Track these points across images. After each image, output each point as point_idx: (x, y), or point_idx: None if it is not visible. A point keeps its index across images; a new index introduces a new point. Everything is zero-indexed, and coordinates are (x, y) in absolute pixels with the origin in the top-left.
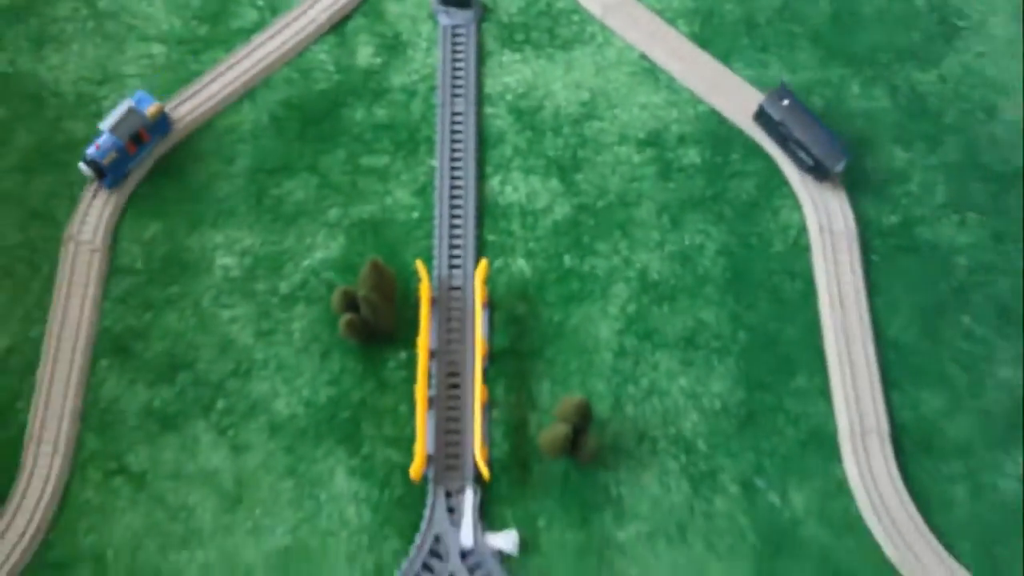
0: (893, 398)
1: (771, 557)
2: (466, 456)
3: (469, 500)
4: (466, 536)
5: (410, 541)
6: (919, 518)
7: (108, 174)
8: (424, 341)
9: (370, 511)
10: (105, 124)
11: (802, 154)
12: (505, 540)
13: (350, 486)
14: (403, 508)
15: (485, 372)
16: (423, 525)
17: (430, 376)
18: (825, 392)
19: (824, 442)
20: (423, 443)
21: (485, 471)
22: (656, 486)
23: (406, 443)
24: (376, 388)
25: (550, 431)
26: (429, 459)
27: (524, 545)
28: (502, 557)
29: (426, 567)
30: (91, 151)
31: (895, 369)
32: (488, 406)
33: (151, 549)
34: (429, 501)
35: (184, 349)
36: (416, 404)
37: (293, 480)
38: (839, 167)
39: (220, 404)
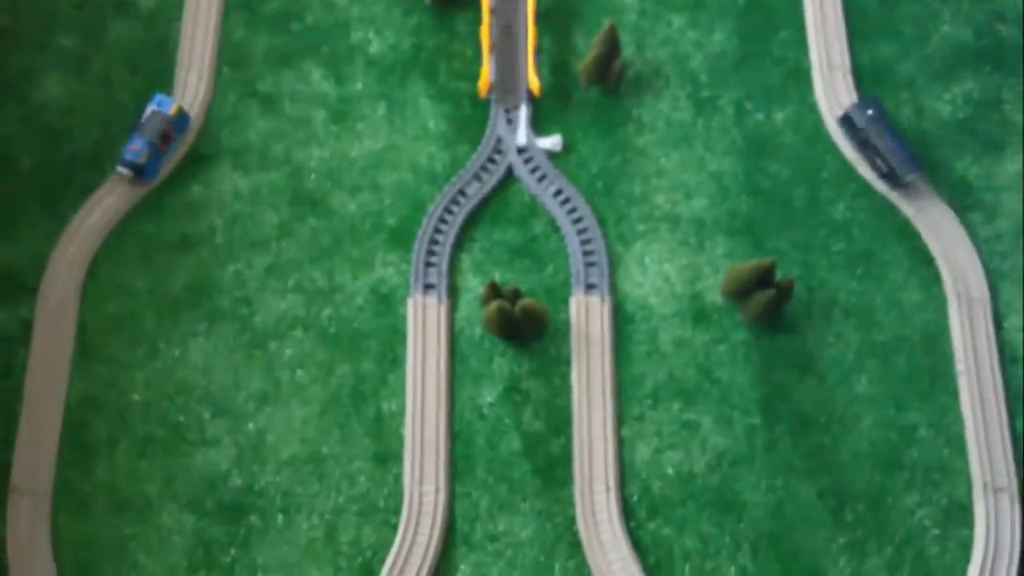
0: (855, 45)
1: (755, 156)
2: (520, 82)
3: (523, 112)
4: (521, 137)
5: (478, 144)
6: None
7: (147, 171)
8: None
9: (446, 123)
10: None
11: (878, 161)
12: (551, 142)
13: (430, 106)
14: (471, 123)
15: (535, 24)
16: (487, 131)
17: (491, 27)
18: (803, 41)
19: (801, 77)
20: (487, 69)
21: (535, 85)
22: (668, 108)
23: (473, 77)
24: (448, 37)
25: (589, 56)
26: (491, 85)
27: (565, 147)
28: (549, 155)
29: (490, 160)
30: (128, 154)
31: (858, 23)
32: (536, 51)
33: (278, 149)
34: (492, 113)
35: (294, 3)
36: (482, 42)
37: (385, 102)
38: (911, 177)
39: (325, 48)
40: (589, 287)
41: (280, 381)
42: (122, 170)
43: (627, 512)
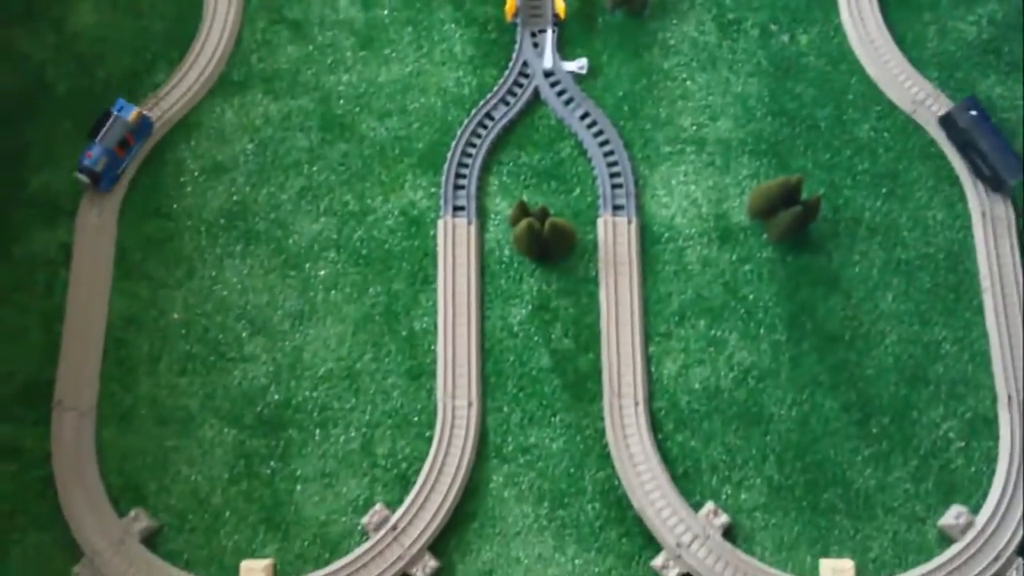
0: None
1: (781, 78)
2: (546, 6)
3: (549, 36)
4: (547, 60)
5: (505, 69)
6: (896, 49)
7: (104, 177)
8: None
9: (472, 48)
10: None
11: (980, 163)
12: (577, 65)
13: (457, 31)
14: (498, 47)
15: None
16: (513, 55)
17: None
18: None
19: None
20: None
21: (561, 9)
22: (693, 31)
23: (499, 1)
24: None
25: None
26: (517, 9)
27: (591, 71)
28: (575, 78)
29: (516, 84)
30: (85, 160)
31: None
32: None
33: (307, 75)
34: (518, 37)
35: None
36: None
37: (412, 27)
38: (1014, 180)
39: None
40: (616, 208)
41: (315, 301)
42: (80, 176)
43: (655, 425)
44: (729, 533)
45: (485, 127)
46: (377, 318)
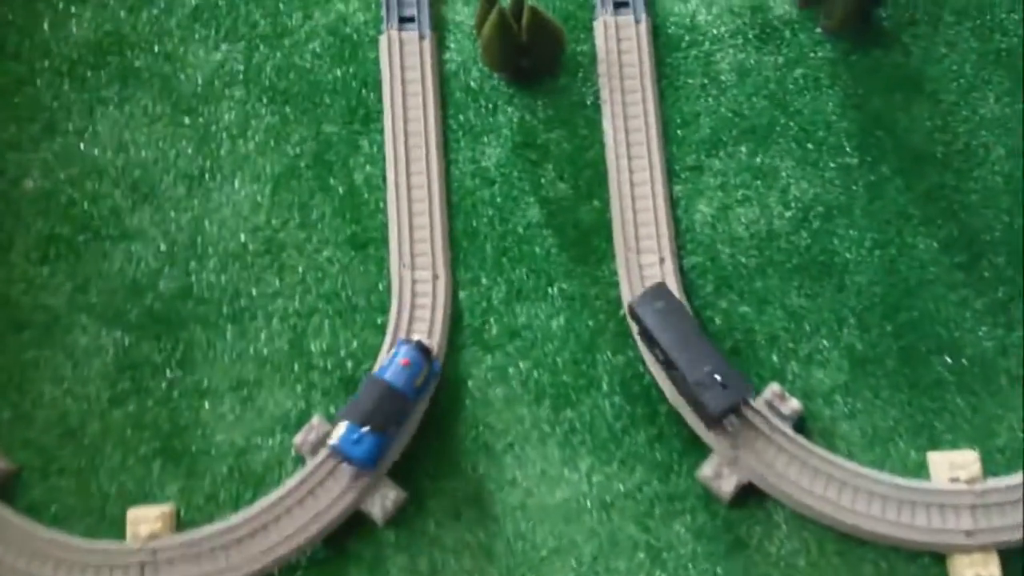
0: None
1: None
2: None
3: None
4: None
5: None
6: None
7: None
8: None
9: None
10: None
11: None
12: None
13: None
14: None
15: None
16: None
17: None
18: None
19: None
20: None
21: None
22: None
23: None
24: None
25: None
26: None
27: None
28: None
29: None
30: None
31: None
32: None
33: None
34: None
35: None
36: None
37: None
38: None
39: None
40: (618, 6)
41: (218, 155)
42: None
43: (689, 288)
44: (801, 424)
45: None
46: (304, 172)
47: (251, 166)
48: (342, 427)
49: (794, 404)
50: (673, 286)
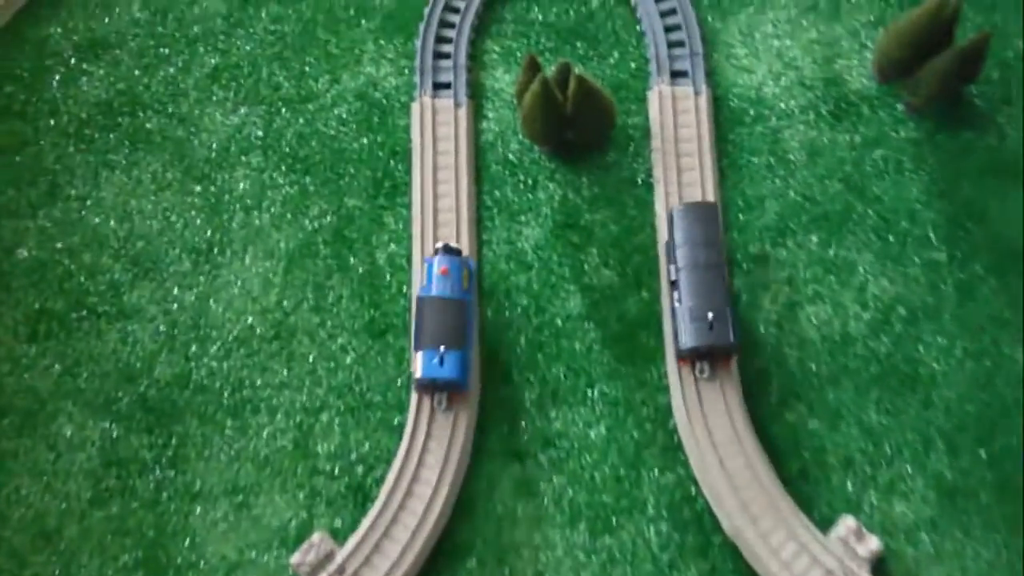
0: None
1: None
2: None
3: None
4: None
5: None
6: None
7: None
8: None
9: None
10: None
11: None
12: None
13: None
14: None
15: None
16: None
17: None
18: None
19: None
20: None
21: None
22: None
23: None
24: None
25: None
26: None
27: None
28: None
29: None
30: None
31: None
32: None
33: None
34: None
35: None
36: None
37: None
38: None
39: None
40: (676, 75)
41: (229, 227)
42: None
43: (749, 397)
44: (880, 566)
45: None
46: (321, 249)
47: (264, 240)
48: (419, 358)
49: (873, 543)
50: (732, 395)
